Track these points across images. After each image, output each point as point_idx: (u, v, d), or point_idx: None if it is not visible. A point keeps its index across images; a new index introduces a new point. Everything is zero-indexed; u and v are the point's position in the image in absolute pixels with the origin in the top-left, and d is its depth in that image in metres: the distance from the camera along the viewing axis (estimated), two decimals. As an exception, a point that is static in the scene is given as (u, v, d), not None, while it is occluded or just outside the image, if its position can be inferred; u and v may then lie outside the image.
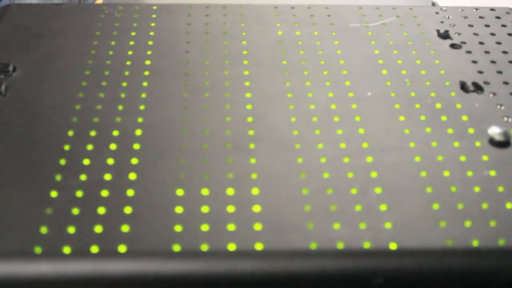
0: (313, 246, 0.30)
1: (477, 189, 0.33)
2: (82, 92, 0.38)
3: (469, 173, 0.33)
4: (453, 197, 0.32)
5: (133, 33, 0.43)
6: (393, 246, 0.30)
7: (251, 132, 0.36)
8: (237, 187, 0.32)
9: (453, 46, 0.43)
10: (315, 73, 0.40)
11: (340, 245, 0.30)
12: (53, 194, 0.32)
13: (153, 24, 0.44)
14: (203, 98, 0.38)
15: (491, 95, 0.39)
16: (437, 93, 0.39)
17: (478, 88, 0.39)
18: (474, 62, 0.42)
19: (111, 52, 0.41)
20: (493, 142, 0.35)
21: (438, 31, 0.44)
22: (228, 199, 0.32)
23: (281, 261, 0.29)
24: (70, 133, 0.35)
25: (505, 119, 0.37)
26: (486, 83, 0.40)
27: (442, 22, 0.45)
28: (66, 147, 0.34)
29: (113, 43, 0.42)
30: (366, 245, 0.30)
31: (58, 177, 0.33)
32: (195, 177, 0.33)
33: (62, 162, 0.33)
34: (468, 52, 0.42)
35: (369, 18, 0.45)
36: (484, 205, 0.32)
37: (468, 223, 0.31)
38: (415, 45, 0.43)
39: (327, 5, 0.47)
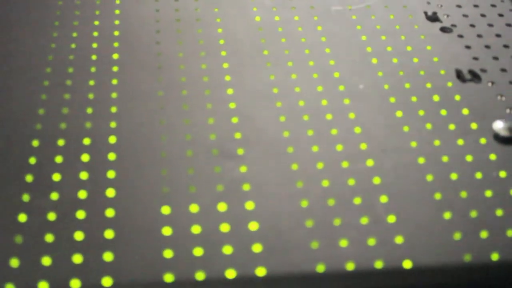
0: (320, 268, 0.27)
1: (488, 193, 0.30)
2: (44, 94, 0.34)
3: (478, 175, 0.31)
4: (464, 203, 0.30)
5: (96, 22, 0.39)
6: (407, 264, 0.27)
7: (237, 135, 0.32)
8: (229, 201, 0.29)
9: (443, 29, 0.40)
10: (300, 64, 0.37)
11: (350, 266, 0.27)
12: (22, 218, 0.28)
13: (117, 12, 0.40)
14: (181, 97, 0.34)
15: (490, 84, 0.36)
16: (433, 83, 0.36)
17: (475, 76, 0.37)
18: (468, 47, 0.39)
19: (73, 45, 0.37)
20: (498, 138, 0.33)
21: (426, 13, 0.41)
22: (221, 216, 0.28)
23: (286, 287, 0.26)
24: (35, 143, 0.31)
25: (508, 111, 0.35)
26: (482, 70, 0.37)
27: (428, 3, 0.42)
28: (32, 160, 0.30)
29: (74, 34, 0.38)
30: (378, 265, 0.27)
31: (26, 197, 0.29)
32: (181, 191, 0.29)
33: (29, 178, 0.30)
34: (460, 36, 0.40)
35: (351, 1, 0.42)
36: (499, 212, 0.29)
37: (484, 234, 0.28)
38: (403, 30, 0.40)
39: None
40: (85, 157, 0.31)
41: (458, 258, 0.27)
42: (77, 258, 0.26)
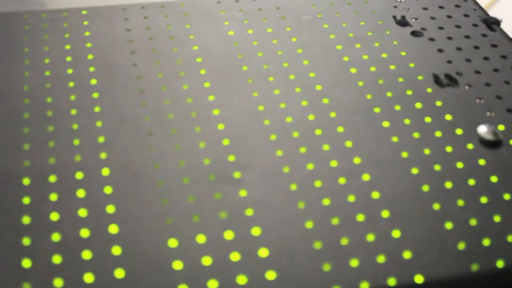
0: (333, 291, 0.27)
1: (484, 199, 0.31)
2: (27, 127, 0.33)
3: (471, 182, 0.32)
4: (462, 212, 0.30)
5: (68, 46, 0.38)
6: (419, 279, 0.27)
7: (231, 158, 0.32)
8: (235, 228, 0.29)
9: (414, 33, 0.41)
10: (281, 78, 0.37)
11: (365, 286, 0.27)
12: (26, 263, 0.27)
13: (87, 33, 0.39)
14: (168, 121, 0.34)
15: (467, 87, 0.37)
16: (413, 90, 0.37)
17: (452, 80, 0.37)
18: (440, 50, 0.40)
19: (47, 73, 0.36)
20: (483, 142, 0.34)
21: (394, 17, 0.42)
22: (229, 245, 0.28)
23: (305, 313, 0.26)
24: (26, 181, 0.30)
25: (488, 113, 0.35)
26: (458, 74, 0.38)
27: (395, 6, 0.43)
28: (26, 201, 0.29)
29: (47, 60, 0.37)
30: (391, 282, 0.27)
31: (26, 241, 0.28)
32: (185, 221, 0.29)
33: (26, 220, 0.29)
34: (431, 39, 0.40)
35: (320, 9, 0.42)
36: (497, 218, 0.30)
37: (486, 242, 0.29)
38: (375, 36, 0.40)
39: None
40: (80, 193, 0.30)
41: (466, 268, 0.28)
42: (92, 302, 0.26)
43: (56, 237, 0.28)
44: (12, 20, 0.40)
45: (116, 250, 0.28)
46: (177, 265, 0.27)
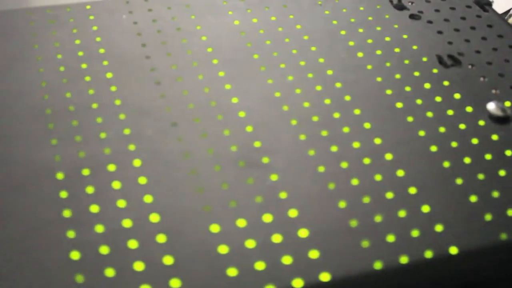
0: (377, 265, 0.28)
1: (502, 172, 0.32)
2: (51, 123, 0.33)
3: (488, 157, 0.33)
4: (484, 185, 0.32)
5: (78, 41, 0.38)
6: (453, 250, 0.29)
7: (257, 144, 0.33)
8: (273, 211, 0.30)
9: (412, 17, 0.42)
10: (292, 65, 0.38)
11: (405, 260, 0.28)
12: (75, 255, 0.27)
13: (95, 28, 0.39)
14: (189, 111, 0.34)
15: (470, 66, 0.39)
16: (420, 71, 0.38)
17: (455, 61, 0.39)
18: (440, 32, 0.41)
19: (62, 68, 0.36)
20: (493, 118, 0.35)
21: (391, 1, 0.43)
22: (269, 227, 0.29)
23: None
24: (60, 176, 0.31)
25: (493, 91, 0.37)
26: (460, 54, 0.39)
27: (390, -9, 0.44)
28: (63, 195, 0.30)
29: (59, 56, 0.37)
30: (428, 255, 0.28)
31: (71, 234, 0.28)
32: (223, 207, 0.30)
33: (67, 214, 0.29)
34: (429, 22, 0.42)
35: (318, -5, 0.43)
36: (517, 189, 0.31)
37: (510, 212, 0.30)
38: (376, 20, 0.41)
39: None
40: (116, 184, 0.30)
41: (496, 237, 0.29)
42: (146, 289, 0.26)
43: (99, 228, 0.28)
44: (16, 17, 0.40)
45: (161, 238, 0.28)
46: (223, 249, 0.28)
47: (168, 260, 0.28)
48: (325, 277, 0.27)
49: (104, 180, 0.30)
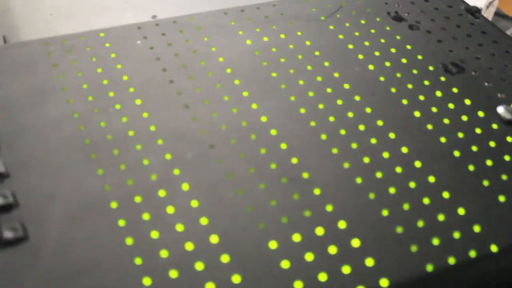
0: (429, 268, 0.30)
1: (522, 172, 0.35)
2: (93, 153, 0.34)
3: (507, 158, 0.36)
4: (509, 186, 0.34)
5: (99, 70, 0.39)
6: (494, 248, 0.31)
7: (294, 160, 0.35)
8: (324, 225, 0.31)
9: (411, 27, 0.44)
10: (310, 80, 0.40)
11: (452, 261, 0.30)
12: (147, 282, 0.29)
13: (113, 55, 0.40)
14: (223, 132, 0.36)
15: (473, 72, 0.41)
16: (429, 80, 0.40)
17: (459, 68, 0.41)
18: (440, 41, 0.43)
19: (90, 98, 0.37)
20: (504, 121, 0.38)
21: (389, 13, 0.45)
22: (324, 240, 0.31)
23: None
24: (114, 205, 0.32)
25: (499, 95, 0.40)
26: (462, 61, 0.42)
27: (386, 3, 0.46)
28: (121, 223, 0.31)
29: (85, 86, 0.38)
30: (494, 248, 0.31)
31: (138, 261, 0.29)
32: (276, 223, 0.31)
33: (129, 242, 0.30)
34: (428, 31, 0.44)
35: (320, 12, 0.45)
36: (538, 187, 0.34)
37: (537, 208, 0.33)
38: (379, 33, 0.44)
39: (272, 2, 0.46)
40: (170, 209, 0.32)
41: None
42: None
43: (164, 253, 0.30)
44: (34, 48, 0.40)
45: (225, 258, 0.30)
46: (285, 264, 0.30)
47: (236, 279, 0.29)
48: (384, 282, 0.29)
49: (158, 205, 0.32)
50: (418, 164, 0.35)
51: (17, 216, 0.31)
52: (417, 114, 0.38)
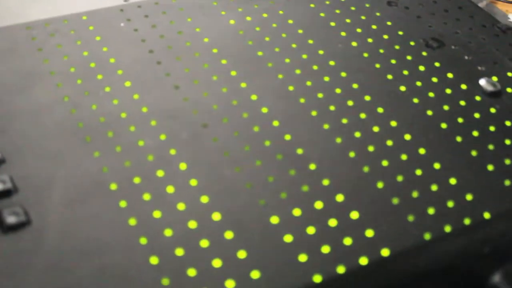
0: (427, 236, 0.31)
1: (508, 142, 0.36)
2: (87, 136, 0.34)
3: (492, 128, 0.37)
4: (496, 154, 0.35)
5: (86, 53, 0.39)
6: (487, 215, 0.32)
7: (288, 137, 0.35)
8: (323, 198, 0.32)
9: (389, 4, 0.45)
10: (297, 58, 0.40)
11: (468, 221, 0.31)
12: (154, 260, 0.29)
13: (98, 38, 0.40)
14: (215, 112, 0.36)
15: (453, 47, 0.42)
16: (412, 55, 0.41)
17: (439, 42, 0.42)
18: (419, 17, 0.44)
19: (79, 81, 0.37)
20: (486, 93, 0.39)
21: (367, -9, 0.46)
22: (323, 213, 0.32)
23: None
24: (113, 186, 0.32)
25: (479, 68, 0.41)
26: (441, 36, 0.43)
27: (364, -19, 0.47)
28: (123, 204, 0.31)
29: (72, 69, 0.38)
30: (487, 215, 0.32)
31: (144, 240, 0.30)
32: (275, 198, 0.32)
33: (132, 222, 0.30)
34: (406, 7, 0.45)
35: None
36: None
37: (523, 173, 0.34)
38: (359, 11, 0.44)
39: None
40: (170, 189, 0.32)
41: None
42: None
43: (168, 232, 0.30)
44: (17, 33, 0.40)
45: (229, 235, 0.30)
46: (288, 238, 0.30)
47: (242, 254, 0.29)
48: (385, 252, 0.30)
49: (157, 186, 0.32)
50: (407, 137, 0.36)
51: (17, 201, 0.30)
52: (402, 88, 0.39)
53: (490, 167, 0.34)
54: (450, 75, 0.40)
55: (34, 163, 0.32)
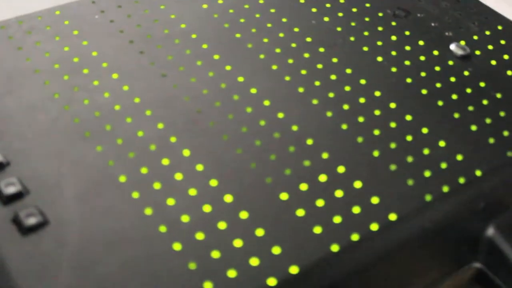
0: (428, 198, 0.33)
1: (485, 102, 0.38)
2: (87, 131, 0.34)
3: (468, 90, 0.39)
4: (478, 115, 0.37)
5: (66, 48, 0.39)
6: (478, 173, 0.34)
7: (281, 115, 0.36)
8: (326, 172, 0.33)
9: (352, -22, 0.47)
10: (274, 38, 0.41)
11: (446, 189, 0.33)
12: (177, 246, 0.30)
13: (76, 32, 0.40)
14: (206, 97, 0.37)
15: (419, 15, 0.44)
16: (382, 26, 0.43)
17: (405, 12, 0.44)
18: (381, -11, 0.46)
19: (66, 77, 0.37)
20: (458, 57, 0.41)
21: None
22: (329, 186, 0.33)
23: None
24: (122, 179, 0.32)
25: (447, 33, 0.43)
26: (406, 5, 0.45)
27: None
28: (135, 195, 0.32)
29: (56, 66, 0.38)
30: (462, 180, 0.34)
31: (163, 228, 0.30)
32: (280, 176, 0.33)
33: (148, 211, 0.31)
34: (369, -20, 0.46)
35: None
36: (502, 114, 0.37)
37: (506, 133, 0.36)
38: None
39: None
40: (178, 176, 0.33)
41: (504, 156, 0.35)
42: None
43: (185, 218, 0.31)
44: (-10, 33, 0.39)
45: (244, 215, 0.31)
46: (300, 212, 0.31)
47: (259, 232, 0.31)
48: (392, 216, 0.32)
49: (165, 174, 0.33)
50: (393, 105, 0.37)
51: (30, 202, 0.31)
52: (379, 59, 0.40)
53: (474, 127, 0.36)
54: (421, 43, 0.41)
55: (39, 163, 0.32)
